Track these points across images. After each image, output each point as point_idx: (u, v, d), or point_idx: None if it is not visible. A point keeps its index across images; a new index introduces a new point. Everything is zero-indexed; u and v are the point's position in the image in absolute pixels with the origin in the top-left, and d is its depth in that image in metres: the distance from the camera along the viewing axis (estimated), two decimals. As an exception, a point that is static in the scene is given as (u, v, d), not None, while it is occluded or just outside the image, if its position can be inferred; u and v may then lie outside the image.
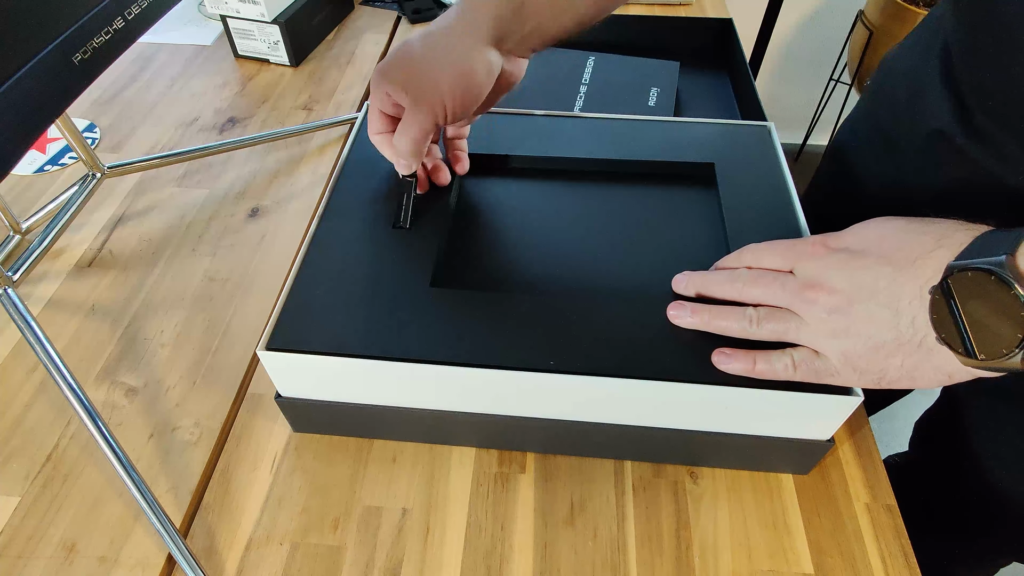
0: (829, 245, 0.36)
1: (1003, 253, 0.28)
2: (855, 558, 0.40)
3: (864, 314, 0.33)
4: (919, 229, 0.33)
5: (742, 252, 0.40)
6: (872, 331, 0.33)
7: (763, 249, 0.39)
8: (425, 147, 0.43)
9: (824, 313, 0.34)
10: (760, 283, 0.37)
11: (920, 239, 0.33)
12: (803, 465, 0.43)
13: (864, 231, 0.36)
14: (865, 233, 0.36)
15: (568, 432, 0.42)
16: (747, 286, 0.38)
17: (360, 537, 0.41)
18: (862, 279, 0.33)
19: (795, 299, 0.35)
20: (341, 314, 0.40)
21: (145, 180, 0.64)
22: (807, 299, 0.35)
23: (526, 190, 0.50)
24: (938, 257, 0.31)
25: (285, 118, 0.72)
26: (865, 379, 0.34)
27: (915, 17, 1.28)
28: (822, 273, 0.35)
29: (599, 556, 0.40)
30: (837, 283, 0.34)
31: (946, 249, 0.31)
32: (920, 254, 0.32)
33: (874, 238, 0.35)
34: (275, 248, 0.58)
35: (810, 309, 0.35)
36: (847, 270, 0.34)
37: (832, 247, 0.36)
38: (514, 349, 0.38)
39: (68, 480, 0.43)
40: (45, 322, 0.52)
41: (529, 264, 0.45)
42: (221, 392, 0.48)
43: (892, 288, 0.32)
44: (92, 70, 0.42)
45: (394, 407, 0.42)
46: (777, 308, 0.36)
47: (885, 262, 0.33)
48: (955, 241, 0.31)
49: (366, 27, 0.87)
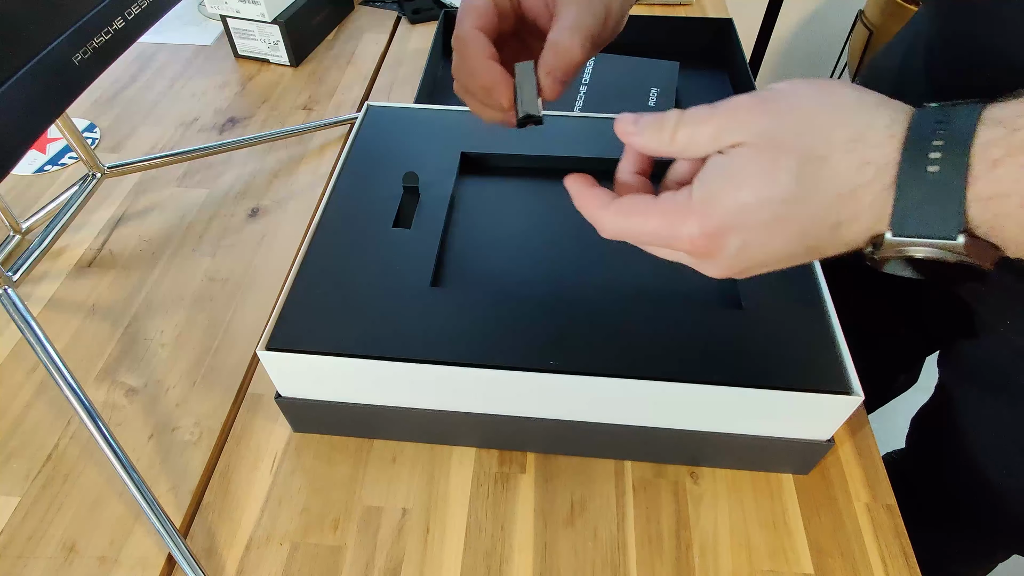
0: (709, 234, 0.28)
1: (954, 231, 0.24)
2: (855, 558, 0.40)
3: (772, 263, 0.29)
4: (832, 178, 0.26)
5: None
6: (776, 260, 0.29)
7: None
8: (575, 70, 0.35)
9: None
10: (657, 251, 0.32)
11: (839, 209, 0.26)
12: (803, 465, 0.43)
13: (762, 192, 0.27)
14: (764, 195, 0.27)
15: (568, 432, 0.42)
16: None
17: (360, 537, 0.41)
18: (771, 257, 0.29)
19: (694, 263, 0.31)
20: (341, 314, 0.40)
21: (145, 180, 0.64)
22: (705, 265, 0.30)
23: (526, 190, 0.50)
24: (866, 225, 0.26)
25: (285, 118, 0.72)
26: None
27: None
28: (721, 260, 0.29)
29: (599, 556, 0.40)
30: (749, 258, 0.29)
31: (875, 208, 0.26)
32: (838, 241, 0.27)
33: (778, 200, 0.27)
34: (275, 248, 0.58)
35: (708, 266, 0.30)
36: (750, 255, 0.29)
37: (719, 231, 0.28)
38: (514, 349, 0.38)
39: (68, 480, 0.43)
40: (45, 322, 0.52)
41: (529, 264, 0.45)
42: (221, 392, 0.48)
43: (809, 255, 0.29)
44: (92, 70, 0.42)
45: (394, 407, 0.42)
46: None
47: (798, 240, 0.28)
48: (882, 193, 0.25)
49: (366, 27, 0.87)
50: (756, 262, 0.29)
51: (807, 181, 0.26)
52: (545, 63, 0.34)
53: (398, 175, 0.49)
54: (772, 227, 0.27)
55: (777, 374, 0.37)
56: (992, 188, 0.23)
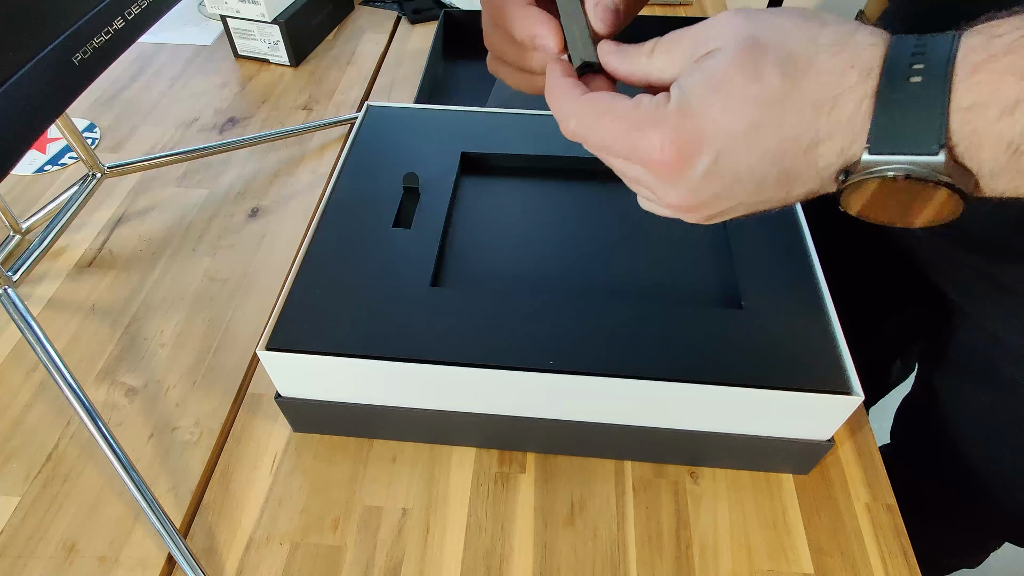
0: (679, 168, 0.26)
1: (933, 144, 0.23)
2: (855, 558, 0.40)
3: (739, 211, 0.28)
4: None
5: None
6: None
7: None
8: None
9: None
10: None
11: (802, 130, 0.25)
12: (803, 465, 0.43)
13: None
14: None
15: (568, 432, 0.42)
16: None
17: (360, 537, 0.41)
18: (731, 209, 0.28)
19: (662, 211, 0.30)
20: (341, 314, 0.40)
21: (145, 180, 0.64)
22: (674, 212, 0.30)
23: (526, 190, 0.50)
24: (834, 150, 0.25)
25: (285, 118, 0.72)
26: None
27: (915, 17, 1.28)
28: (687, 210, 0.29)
29: (599, 556, 0.40)
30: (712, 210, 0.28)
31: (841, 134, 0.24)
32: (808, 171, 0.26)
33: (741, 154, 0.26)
34: (275, 248, 0.58)
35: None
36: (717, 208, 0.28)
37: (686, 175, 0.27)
38: (514, 349, 0.38)
39: (68, 480, 0.43)
40: (45, 322, 0.52)
41: (529, 264, 0.45)
42: (221, 392, 0.48)
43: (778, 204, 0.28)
44: (92, 70, 0.42)
45: (394, 407, 0.42)
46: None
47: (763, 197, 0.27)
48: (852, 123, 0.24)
49: (366, 27, 0.87)
50: (724, 190, 0.27)
51: (790, 80, 0.24)
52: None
53: (398, 175, 0.49)
54: (748, 137, 0.25)
55: (777, 374, 0.37)
56: (972, 96, 0.22)
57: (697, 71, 0.26)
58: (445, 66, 0.79)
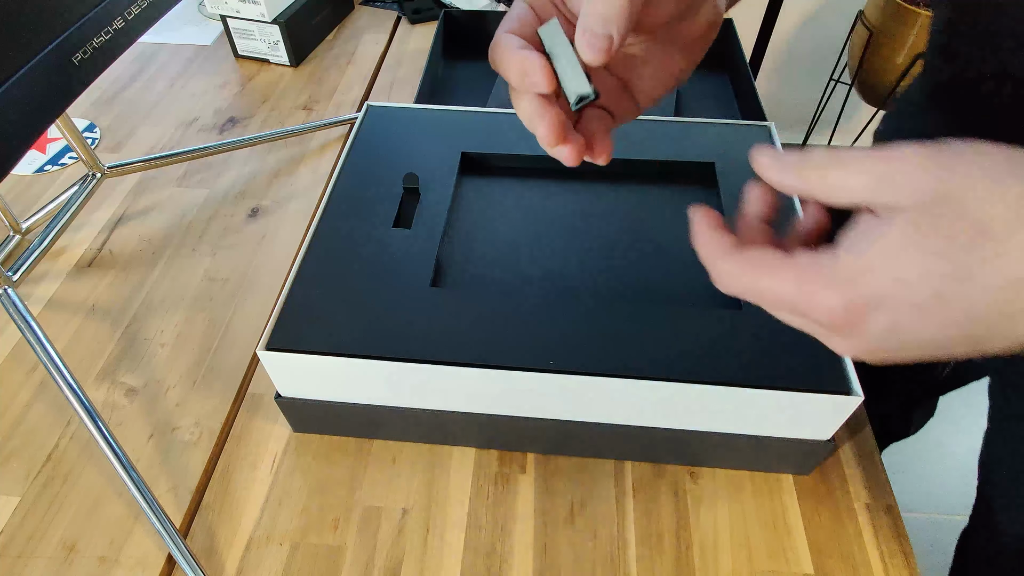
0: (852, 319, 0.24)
1: None
2: (855, 558, 0.40)
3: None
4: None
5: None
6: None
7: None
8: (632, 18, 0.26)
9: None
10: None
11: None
12: (803, 465, 0.43)
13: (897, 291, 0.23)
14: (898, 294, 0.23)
15: (568, 432, 0.42)
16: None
17: (360, 537, 0.41)
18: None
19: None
20: (341, 314, 0.40)
21: (145, 180, 0.64)
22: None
23: (526, 190, 0.50)
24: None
25: (285, 118, 0.72)
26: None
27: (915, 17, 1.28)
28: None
29: (599, 556, 0.40)
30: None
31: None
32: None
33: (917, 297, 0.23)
34: (275, 248, 0.58)
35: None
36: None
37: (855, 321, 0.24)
38: (514, 349, 0.38)
39: (68, 480, 0.43)
40: (45, 322, 0.52)
41: (529, 264, 0.45)
42: (221, 392, 0.48)
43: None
44: (92, 70, 0.42)
45: (394, 407, 0.42)
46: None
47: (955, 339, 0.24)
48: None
49: (366, 27, 0.87)
50: (902, 347, 0.24)
51: (981, 254, 0.21)
52: (583, 15, 0.26)
53: (398, 175, 0.49)
54: (930, 308, 0.22)
55: (777, 374, 0.37)
56: None
57: (873, 232, 0.23)
58: (445, 66, 0.79)
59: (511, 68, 0.28)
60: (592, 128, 0.31)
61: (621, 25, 0.26)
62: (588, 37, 0.26)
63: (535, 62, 0.27)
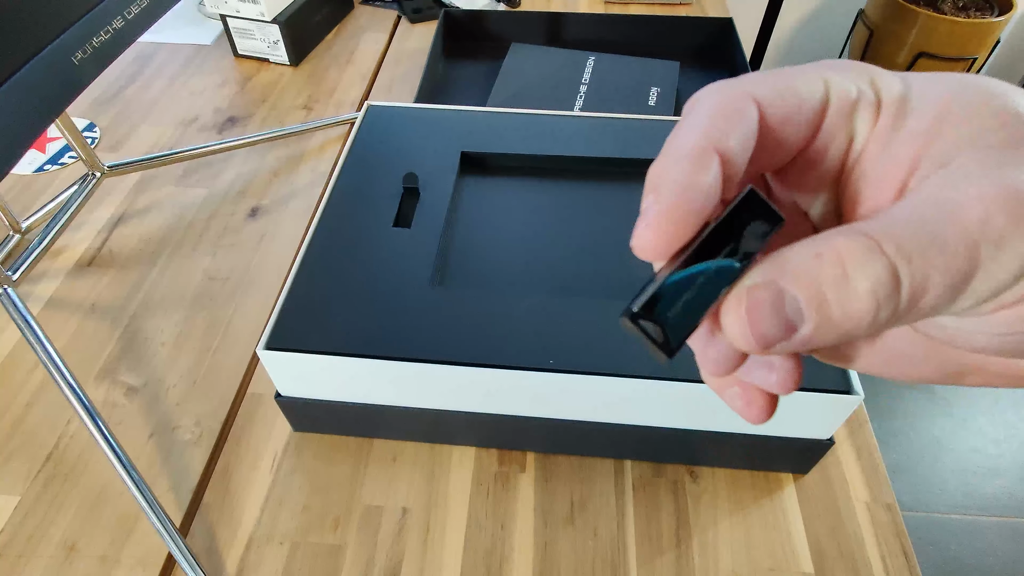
0: None
1: None
2: (855, 558, 0.40)
3: None
4: None
5: None
6: None
7: None
8: None
9: None
10: None
11: None
12: (803, 465, 0.43)
13: None
14: None
15: (568, 432, 0.42)
16: None
17: (360, 537, 0.41)
18: None
19: None
20: (341, 314, 0.40)
21: (145, 180, 0.64)
22: None
23: (526, 189, 0.50)
24: None
25: (285, 117, 0.72)
26: None
27: (915, 16, 1.28)
28: None
29: (599, 555, 0.40)
30: None
31: None
32: None
33: None
34: (275, 248, 0.58)
35: None
36: None
37: None
38: (514, 349, 0.38)
39: (68, 480, 0.43)
40: (45, 321, 0.52)
41: (529, 263, 0.45)
42: (221, 392, 0.48)
43: None
44: (92, 70, 0.42)
45: (394, 407, 0.42)
46: None
47: None
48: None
49: (366, 27, 0.87)
50: None
51: None
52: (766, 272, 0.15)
53: (398, 175, 0.49)
54: None
55: (777, 374, 0.37)
56: None
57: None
58: (445, 66, 0.79)
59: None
60: None
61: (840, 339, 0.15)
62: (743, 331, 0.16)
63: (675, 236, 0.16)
